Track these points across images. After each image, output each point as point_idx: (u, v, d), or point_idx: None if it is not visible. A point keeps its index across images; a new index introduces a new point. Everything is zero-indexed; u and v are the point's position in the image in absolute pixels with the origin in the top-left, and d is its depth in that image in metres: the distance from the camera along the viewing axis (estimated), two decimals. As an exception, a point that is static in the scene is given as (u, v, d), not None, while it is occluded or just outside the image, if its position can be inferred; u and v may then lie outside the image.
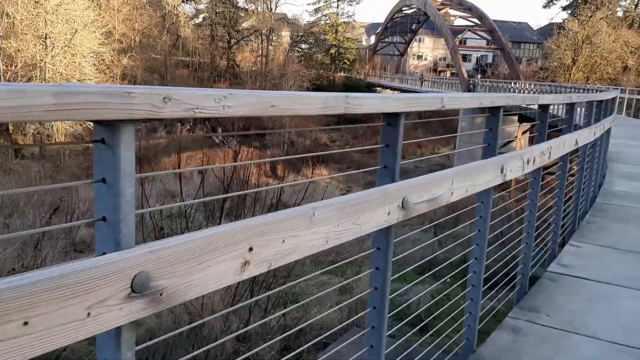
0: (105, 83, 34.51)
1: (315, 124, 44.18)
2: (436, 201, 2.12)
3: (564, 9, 55.79)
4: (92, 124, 1.19)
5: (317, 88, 51.48)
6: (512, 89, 31.17)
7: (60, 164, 28.86)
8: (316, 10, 59.71)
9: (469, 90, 36.59)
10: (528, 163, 2.98)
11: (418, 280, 3.76)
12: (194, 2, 55.27)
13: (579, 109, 5.99)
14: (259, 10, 54.94)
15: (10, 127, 29.42)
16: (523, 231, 3.60)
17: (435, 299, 3.40)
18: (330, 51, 57.89)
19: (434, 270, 3.13)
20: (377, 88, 55.05)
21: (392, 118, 2.19)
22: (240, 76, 49.80)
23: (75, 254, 7.66)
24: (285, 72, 46.57)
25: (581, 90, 25.48)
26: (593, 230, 5.29)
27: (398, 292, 4.00)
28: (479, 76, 40.68)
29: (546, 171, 4.40)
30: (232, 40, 53.39)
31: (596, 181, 6.55)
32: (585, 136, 4.68)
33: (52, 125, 30.59)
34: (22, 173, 27.13)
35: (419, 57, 67.11)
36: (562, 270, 3.97)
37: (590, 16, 40.46)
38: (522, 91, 30.77)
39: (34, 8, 29.11)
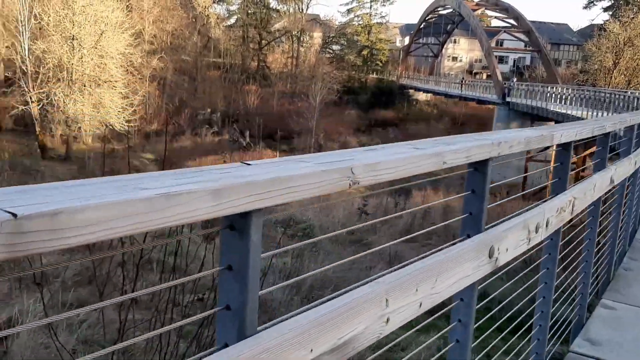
0: (133, 85, 34.43)
1: (347, 129, 43.56)
2: (520, 248, 2.18)
3: (605, 10, 53.66)
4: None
5: (348, 90, 50.71)
6: (548, 94, 29.72)
7: (85, 166, 28.80)
8: (349, 11, 58.90)
9: (503, 94, 35.21)
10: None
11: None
12: (225, 4, 55.13)
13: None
14: (290, 11, 54.45)
15: (37, 129, 29.51)
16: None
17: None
18: (363, 52, 56.98)
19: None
20: (410, 90, 53.95)
21: (479, 163, 2.08)
22: (270, 78, 49.37)
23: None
24: (315, 73, 45.88)
25: (621, 96, 24.07)
26: (632, 279, 4.38)
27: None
28: (515, 79, 39.14)
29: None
30: (263, 41, 53.04)
31: (637, 214, 5.58)
32: (623, 170, 3.79)
33: (80, 126, 30.61)
34: (46, 174, 27.16)
35: (454, 58, 65.54)
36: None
37: (632, 17, 38.62)
38: (560, 96, 29.33)
39: (62, 9, 29.10)
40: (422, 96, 53.95)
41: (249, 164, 1.25)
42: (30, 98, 28.77)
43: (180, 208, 0.96)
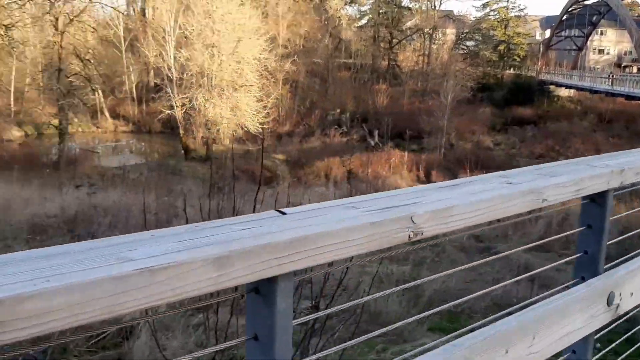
0: (267, 88, 35.81)
1: (480, 127, 41.84)
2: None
3: None
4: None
5: (483, 87, 48.73)
6: None
7: (222, 167, 30.44)
8: (484, 5, 56.50)
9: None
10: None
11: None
12: (357, 5, 55.45)
13: None
14: (422, 8, 53.48)
15: (181, 132, 31.73)
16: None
17: None
18: (499, 48, 54.42)
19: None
20: (550, 86, 50.59)
21: (595, 195, 1.76)
22: (400, 76, 48.88)
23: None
24: (447, 71, 44.63)
25: None
26: None
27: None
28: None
29: None
30: (393, 40, 52.64)
31: None
32: None
33: (218, 129, 32.42)
34: (188, 174, 29.09)
35: (600, 51, 60.35)
36: None
37: None
38: None
39: (203, 19, 31.00)
40: (563, 92, 50.34)
41: (284, 213, 1.08)
42: (175, 103, 31.01)
43: (170, 283, 0.81)
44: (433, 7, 53.46)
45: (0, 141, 26.52)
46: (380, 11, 53.57)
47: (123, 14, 42.22)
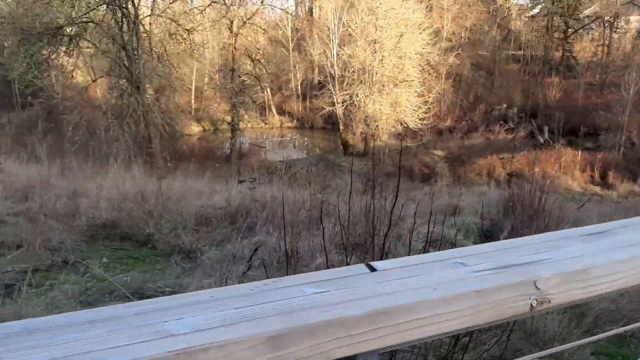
0: (428, 83, 35.14)
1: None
2: None
3: None
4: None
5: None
6: None
7: (380, 162, 30.52)
8: (679, -14, 49.89)
9: None
10: None
11: None
12: (529, -8, 52.18)
13: None
14: (604, -7, 48.72)
15: (341, 127, 32.37)
16: None
17: None
18: (696, 34, 47.76)
19: None
20: None
21: None
22: (575, 68, 45.07)
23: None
24: (630, 62, 40.17)
25: None
26: None
27: None
28: None
29: None
30: (569, 30, 48.65)
31: None
32: None
33: (377, 125, 32.55)
34: (345, 168, 29.60)
35: None
36: None
37: None
38: None
39: (367, 15, 31.23)
40: None
41: (374, 269, 0.92)
42: (336, 100, 31.70)
43: (212, 365, 0.69)
44: (617, -8, 48.43)
45: (181, 136, 29.18)
46: (555, -1, 49.87)
47: (291, 14, 44.17)
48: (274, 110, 45.34)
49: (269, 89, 40.88)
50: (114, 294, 3.68)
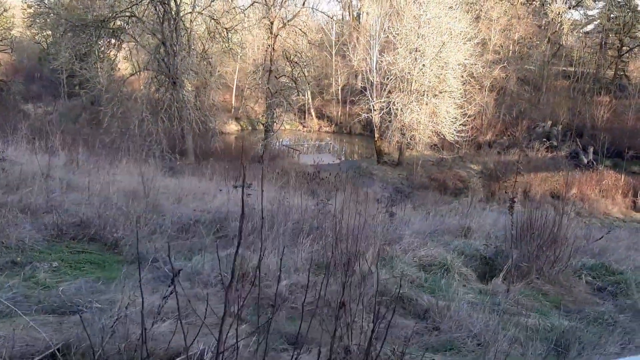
0: (470, 95, 34.29)
1: None
2: None
3: None
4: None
5: None
6: None
7: (413, 173, 29.95)
8: None
9: None
10: None
11: None
12: (583, 9, 50.48)
13: None
14: (663, 11, 46.69)
15: (376, 135, 31.91)
16: None
17: None
18: None
19: None
20: None
21: None
22: (627, 88, 43.29)
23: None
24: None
25: None
26: None
27: None
28: None
29: None
30: (624, 47, 46.86)
31: None
32: None
33: (413, 135, 31.95)
34: (377, 176, 29.17)
35: None
36: None
37: None
38: None
39: (409, 23, 30.71)
40: None
41: None
42: (373, 106, 31.28)
43: None
44: (677, 10, 46.35)
45: (216, 134, 29.28)
46: (611, 16, 48.05)
47: (332, 18, 43.99)
48: (313, 113, 45.23)
49: (309, 92, 40.76)
50: (40, 305, 3.42)
